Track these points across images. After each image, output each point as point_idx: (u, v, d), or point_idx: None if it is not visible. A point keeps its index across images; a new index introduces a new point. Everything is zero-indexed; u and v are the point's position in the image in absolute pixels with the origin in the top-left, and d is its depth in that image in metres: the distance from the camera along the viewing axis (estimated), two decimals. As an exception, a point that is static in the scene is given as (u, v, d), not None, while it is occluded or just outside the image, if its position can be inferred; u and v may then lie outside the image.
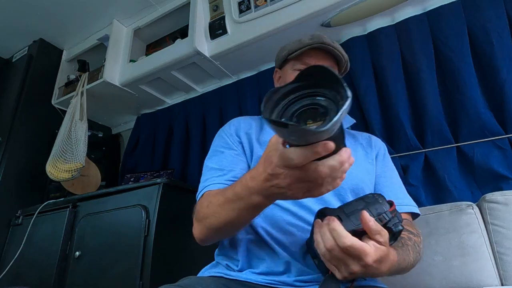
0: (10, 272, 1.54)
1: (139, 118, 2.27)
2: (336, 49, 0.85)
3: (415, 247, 0.66)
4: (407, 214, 0.79)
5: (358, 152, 0.86)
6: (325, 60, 0.85)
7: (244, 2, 1.58)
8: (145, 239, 1.24)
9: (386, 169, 0.86)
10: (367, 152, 0.88)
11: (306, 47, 0.83)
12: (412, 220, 0.81)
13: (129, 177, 1.98)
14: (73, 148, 1.74)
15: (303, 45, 0.84)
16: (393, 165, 0.90)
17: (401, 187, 0.85)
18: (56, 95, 2.10)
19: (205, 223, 0.65)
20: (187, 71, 1.84)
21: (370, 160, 0.86)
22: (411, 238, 0.68)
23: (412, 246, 0.65)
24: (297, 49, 0.85)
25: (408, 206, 0.79)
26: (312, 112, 0.40)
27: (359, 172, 0.80)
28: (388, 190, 0.81)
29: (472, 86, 1.24)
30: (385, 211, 0.55)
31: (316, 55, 0.85)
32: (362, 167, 0.83)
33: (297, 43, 0.86)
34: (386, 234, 0.52)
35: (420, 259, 0.68)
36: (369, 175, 0.83)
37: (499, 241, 0.97)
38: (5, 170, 1.80)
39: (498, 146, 1.18)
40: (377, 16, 1.46)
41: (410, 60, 1.39)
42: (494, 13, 1.25)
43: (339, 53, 0.85)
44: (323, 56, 0.85)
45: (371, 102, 1.44)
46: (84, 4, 1.85)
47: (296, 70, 0.87)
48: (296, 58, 0.87)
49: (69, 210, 1.51)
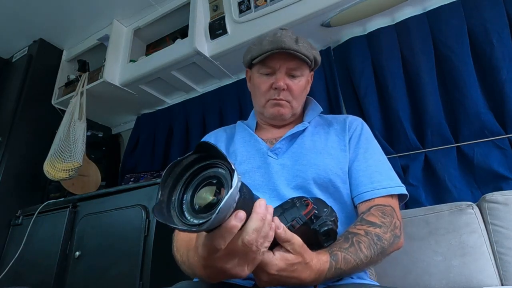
0: (10, 272, 1.54)
1: (139, 118, 2.27)
2: (299, 51, 0.80)
3: (371, 242, 0.62)
4: (386, 197, 0.72)
5: (328, 140, 0.83)
6: (289, 62, 0.83)
7: (244, 2, 1.58)
8: (145, 239, 1.24)
9: (360, 151, 0.80)
10: (339, 138, 0.84)
11: (266, 54, 0.81)
12: (396, 203, 0.74)
13: (129, 177, 1.98)
14: (71, 148, 1.74)
15: (263, 51, 0.82)
16: (373, 145, 0.83)
17: (379, 168, 0.77)
18: (56, 95, 2.10)
19: (181, 268, 0.65)
20: (187, 71, 1.84)
21: (342, 146, 0.82)
22: (370, 232, 0.64)
23: (368, 242, 0.62)
24: (259, 54, 0.83)
25: (384, 189, 0.73)
26: (212, 184, 0.42)
27: (323, 161, 0.77)
28: (362, 174, 0.76)
29: (472, 86, 1.24)
30: (299, 215, 0.53)
31: (280, 58, 0.82)
32: (332, 157, 0.79)
33: (258, 47, 0.84)
34: (298, 240, 0.51)
35: (387, 251, 0.65)
36: (342, 164, 0.78)
37: (499, 241, 0.97)
38: (5, 170, 1.80)
39: (498, 146, 1.18)
40: (377, 16, 1.46)
41: (410, 60, 1.39)
42: (494, 13, 1.26)
43: (302, 55, 0.81)
44: (287, 58, 0.82)
45: (371, 102, 1.44)
46: (84, 4, 1.85)
47: (262, 75, 0.86)
48: (260, 63, 0.85)
49: (69, 210, 1.51)
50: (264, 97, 0.87)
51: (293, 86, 0.85)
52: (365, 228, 0.65)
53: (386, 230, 0.66)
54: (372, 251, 0.62)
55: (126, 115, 2.34)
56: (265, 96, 0.86)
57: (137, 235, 1.25)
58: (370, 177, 0.76)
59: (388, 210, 0.70)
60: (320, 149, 0.81)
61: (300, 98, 0.89)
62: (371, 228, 0.65)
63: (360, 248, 0.61)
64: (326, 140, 0.83)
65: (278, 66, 0.83)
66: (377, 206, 0.71)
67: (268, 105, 0.86)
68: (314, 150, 0.80)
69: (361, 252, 0.60)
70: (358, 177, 0.77)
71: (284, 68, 0.84)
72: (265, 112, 0.88)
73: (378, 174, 0.76)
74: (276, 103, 0.85)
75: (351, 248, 0.60)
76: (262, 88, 0.86)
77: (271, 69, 0.85)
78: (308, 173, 0.75)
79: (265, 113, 0.88)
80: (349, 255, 0.59)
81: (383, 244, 0.64)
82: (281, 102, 0.85)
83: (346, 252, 0.59)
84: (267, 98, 0.86)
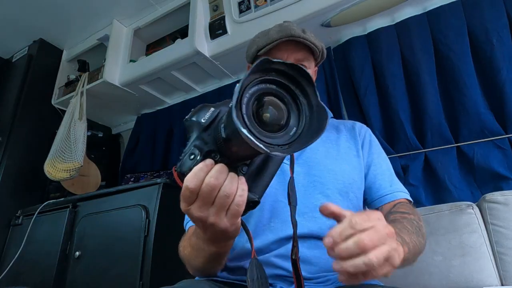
0: (10, 272, 1.54)
1: (139, 118, 2.27)
2: (308, 39, 0.77)
3: (411, 222, 0.61)
4: (405, 200, 0.76)
5: (341, 147, 0.82)
6: (297, 52, 0.79)
7: (244, 2, 1.58)
8: (145, 239, 1.24)
9: (374, 156, 0.82)
10: (351, 144, 0.83)
11: (274, 42, 0.77)
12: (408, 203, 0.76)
13: (129, 177, 1.98)
14: (71, 148, 1.74)
15: (271, 40, 0.78)
16: (381, 149, 0.85)
17: (392, 173, 0.81)
18: (56, 95, 2.10)
19: (188, 266, 0.66)
20: (187, 71, 1.84)
21: (355, 152, 0.82)
22: (405, 217, 0.64)
23: (409, 222, 0.61)
24: (265, 44, 0.79)
25: (403, 193, 0.77)
26: (274, 102, 0.39)
27: (345, 171, 0.76)
28: (381, 178, 0.78)
29: (472, 86, 1.24)
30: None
31: (287, 48, 0.78)
32: (348, 163, 0.79)
33: (265, 38, 0.80)
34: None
35: (424, 237, 0.63)
36: (357, 170, 0.79)
37: (499, 241, 0.97)
38: (5, 170, 1.80)
39: (498, 146, 1.18)
40: (377, 16, 1.46)
41: (410, 60, 1.39)
42: (494, 13, 1.25)
43: (311, 43, 0.78)
44: (294, 48, 0.79)
45: (371, 102, 1.44)
46: (84, 4, 1.85)
47: None
48: (266, 54, 0.79)
49: (69, 210, 1.51)
50: None
51: None
52: (399, 215, 0.65)
53: (419, 218, 0.66)
54: (415, 231, 0.59)
55: (126, 115, 2.34)
56: None
57: (137, 235, 1.25)
58: (389, 180, 0.78)
59: (411, 206, 0.72)
60: (335, 155, 0.80)
61: None
62: (406, 214, 0.65)
63: (406, 228, 0.58)
64: (338, 146, 0.82)
65: (285, 56, 0.79)
66: (401, 203, 0.72)
67: None
68: (328, 156, 0.79)
69: (408, 231, 0.57)
70: (377, 181, 0.78)
71: (292, 59, 0.80)
72: None
73: (394, 179, 0.80)
74: None
75: (398, 225, 0.58)
76: None
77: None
78: (328, 179, 0.74)
79: None
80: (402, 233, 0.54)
81: (422, 228, 0.63)
82: None
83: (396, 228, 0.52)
84: None
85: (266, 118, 0.37)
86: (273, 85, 0.39)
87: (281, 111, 0.39)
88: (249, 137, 0.33)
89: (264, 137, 0.36)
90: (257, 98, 0.38)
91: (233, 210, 0.44)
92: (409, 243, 0.53)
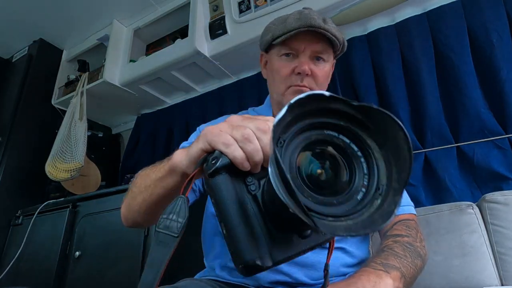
0: (10, 272, 1.54)
1: (139, 118, 2.27)
2: (329, 30, 0.71)
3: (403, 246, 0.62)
4: (409, 215, 0.74)
5: None
6: (316, 44, 0.74)
7: (244, 2, 1.58)
8: (145, 239, 1.24)
9: None
10: None
11: (291, 32, 0.71)
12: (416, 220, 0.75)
13: (129, 177, 1.98)
14: (72, 148, 1.74)
15: (288, 29, 0.72)
16: None
17: None
18: (56, 95, 2.10)
19: (127, 206, 0.66)
20: (187, 71, 1.83)
21: None
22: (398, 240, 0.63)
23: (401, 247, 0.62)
24: (282, 33, 0.73)
25: (407, 207, 0.75)
26: (335, 164, 0.30)
27: None
28: None
29: (472, 86, 1.24)
30: None
31: (305, 38, 0.73)
32: None
33: (282, 26, 0.74)
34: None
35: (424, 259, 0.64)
36: None
37: (499, 241, 0.97)
38: (5, 170, 1.80)
39: (498, 146, 1.18)
40: (377, 16, 1.46)
41: (410, 60, 1.39)
42: (494, 13, 1.25)
43: (332, 35, 0.72)
44: (313, 39, 0.73)
45: (370, 102, 1.43)
46: (84, 4, 1.85)
47: (283, 58, 0.76)
48: (282, 43, 0.75)
49: (69, 210, 1.51)
50: (284, 83, 0.76)
51: (317, 71, 0.75)
52: (391, 239, 0.63)
53: (415, 239, 0.65)
54: (408, 254, 0.59)
55: (126, 115, 2.34)
56: (286, 82, 0.76)
57: (137, 235, 1.25)
58: None
59: (412, 224, 0.70)
60: None
61: (324, 86, 0.80)
62: (399, 238, 0.64)
63: (396, 253, 0.58)
64: None
65: (302, 48, 0.74)
66: (401, 221, 0.70)
67: (289, 92, 0.75)
68: None
69: (397, 256, 0.58)
70: None
71: (309, 51, 0.74)
72: (284, 101, 0.77)
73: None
74: (299, 89, 0.74)
75: (383, 255, 0.58)
76: (282, 72, 0.76)
77: (295, 51, 0.75)
78: None
79: (285, 102, 0.82)
80: (390, 262, 0.56)
81: (416, 249, 0.62)
82: (303, 89, 0.74)
83: (381, 260, 0.56)
84: (288, 84, 0.76)
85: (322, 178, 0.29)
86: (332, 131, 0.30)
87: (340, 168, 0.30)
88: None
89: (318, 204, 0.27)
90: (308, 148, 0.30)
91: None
92: (399, 268, 0.56)
